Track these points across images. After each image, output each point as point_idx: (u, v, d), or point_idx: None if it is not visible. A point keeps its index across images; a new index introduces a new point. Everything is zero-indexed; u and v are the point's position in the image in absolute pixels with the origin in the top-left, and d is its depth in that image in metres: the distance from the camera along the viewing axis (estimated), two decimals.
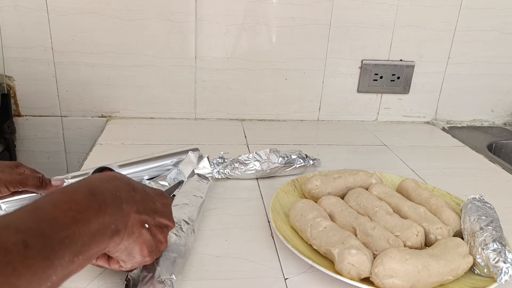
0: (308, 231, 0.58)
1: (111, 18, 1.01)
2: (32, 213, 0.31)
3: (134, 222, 0.41)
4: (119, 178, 0.43)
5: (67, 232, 0.32)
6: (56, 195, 0.35)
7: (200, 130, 1.08)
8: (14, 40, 1.00)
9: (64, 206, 0.34)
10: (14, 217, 0.30)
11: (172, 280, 0.46)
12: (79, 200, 0.35)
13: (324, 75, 1.14)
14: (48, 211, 0.32)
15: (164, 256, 0.48)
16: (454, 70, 1.18)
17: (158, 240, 0.46)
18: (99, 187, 0.38)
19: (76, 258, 0.32)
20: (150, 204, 0.45)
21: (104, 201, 0.37)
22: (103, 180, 0.40)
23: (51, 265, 0.30)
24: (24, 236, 0.28)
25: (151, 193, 0.47)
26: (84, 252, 0.34)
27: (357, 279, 0.51)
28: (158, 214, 0.46)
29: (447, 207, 0.65)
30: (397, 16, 1.10)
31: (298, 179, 0.77)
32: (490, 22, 1.13)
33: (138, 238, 0.43)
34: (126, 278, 0.49)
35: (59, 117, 1.09)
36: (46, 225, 0.31)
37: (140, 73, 1.07)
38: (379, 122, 1.22)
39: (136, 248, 0.43)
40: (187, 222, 0.57)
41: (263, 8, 1.05)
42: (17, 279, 0.27)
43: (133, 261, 0.45)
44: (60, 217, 0.32)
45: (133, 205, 0.41)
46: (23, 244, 0.28)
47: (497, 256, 0.52)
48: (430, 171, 0.90)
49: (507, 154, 1.15)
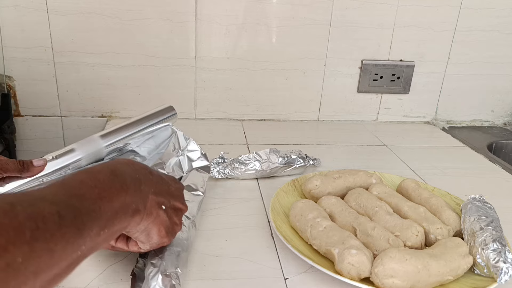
0: (308, 231, 0.58)
1: (111, 18, 1.01)
2: (62, 188, 0.34)
3: (152, 203, 0.44)
4: (136, 163, 0.46)
5: (94, 207, 0.35)
6: (81, 174, 0.38)
7: (200, 130, 1.08)
8: (14, 40, 1.00)
9: (90, 183, 0.36)
10: (47, 191, 0.33)
11: (178, 273, 0.47)
12: (102, 180, 0.38)
13: (324, 75, 1.14)
14: (76, 187, 0.35)
15: (168, 250, 0.50)
16: (454, 70, 1.18)
17: (174, 222, 0.49)
18: (120, 169, 0.41)
19: (102, 232, 0.35)
20: (166, 187, 0.48)
21: (124, 181, 0.40)
22: (122, 163, 0.43)
23: (81, 235, 0.32)
24: (58, 208, 0.31)
25: (165, 177, 0.50)
26: (109, 227, 0.36)
27: (357, 279, 0.51)
28: (173, 197, 0.49)
29: (447, 207, 0.65)
30: (397, 16, 1.10)
31: (298, 179, 0.77)
32: (490, 22, 1.13)
33: (156, 219, 0.45)
34: (132, 273, 0.49)
35: (59, 117, 1.09)
36: (75, 199, 0.33)
37: (140, 73, 1.07)
38: (379, 122, 1.22)
39: (154, 229, 0.46)
40: (188, 217, 0.58)
41: (263, 8, 1.05)
42: (54, 245, 0.29)
43: (151, 242, 0.47)
44: (87, 193, 0.35)
45: (150, 187, 0.44)
46: (58, 215, 0.30)
47: (497, 256, 0.52)
48: (430, 171, 0.90)
49: (507, 154, 1.15)
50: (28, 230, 0.27)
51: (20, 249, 0.26)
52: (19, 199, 0.29)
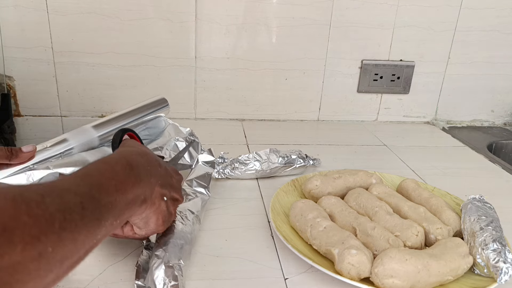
0: (308, 231, 0.58)
1: (111, 18, 1.01)
2: (83, 179, 0.36)
3: (156, 194, 0.47)
4: (148, 153, 0.49)
5: (110, 199, 0.37)
6: (100, 164, 0.40)
7: (200, 130, 1.08)
8: (14, 40, 1.00)
9: (108, 175, 0.38)
10: (71, 182, 0.35)
11: (181, 265, 0.49)
12: (119, 172, 0.40)
13: (324, 75, 1.14)
14: (95, 178, 0.37)
15: (172, 243, 0.51)
16: (454, 70, 1.18)
17: (170, 212, 0.51)
18: (135, 161, 0.44)
19: (115, 222, 0.37)
20: (169, 179, 0.51)
21: (138, 174, 0.43)
22: (138, 154, 0.46)
23: (99, 225, 0.34)
24: (81, 199, 0.33)
25: (169, 169, 0.53)
26: (120, 216, 0.38)
27: (357, 279, 0.51)
28: (173, 189, 0.51)
29: (447, 207, 0.65)
30: (397, 16, 1.10)
31: (298, 179, 0.77)
32: (490, 22, 1.13)
33: (157, 208, 0.48)
34: (137, 264, 0.51)
35: (59, 117, 1.09)
36: (95, 190, 0.35)
37: (140, 73, 1.07)
38: (379, 122, 1.22)
39: (153, 218, 0.49)
40: (192, 211, 0.60)
41: (263, 8, 1.05)
42: (78, 234, 0.31)
43: (148, 229, 0.50)
44: (105, 185, 0.37)
45: (158, 179, 0.47)
46: (81, 206, 0.32)
47: (497, 256, 0.52)
48: (430, 171, 0.90)
49: (507, 154, 1.15)
50: (57, 221, 0.29)
51: (50, 239, 0.28)
52: (48, 191, 0.30)
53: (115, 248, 0.57)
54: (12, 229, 0.25)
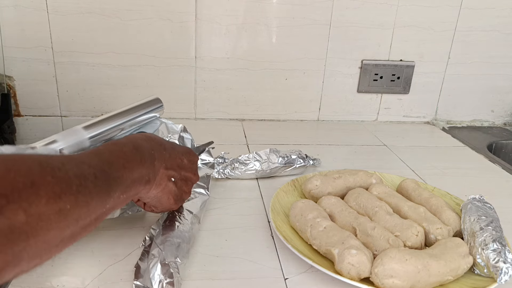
0: (308, 231, 0.58)
1: (111, 18, 1.01)
2: (96, 155, 0.41)
3: (162, 176, 0.52)
4: (154, 139, 0.53)
5: (118, 174, 0.41)
6: (110, 145, 0.45)
7: (200, 130, 1.08)
8: (14, 40, 1.00)
9: (117, 154, 0.44)
10: (86, 157, 0.39)
11: (177, 263, 0.50)
12: (127, 152, 0.45)
13: (324, 75, 1.14)
14: (106, 155, 0.42)
15: (169, 242, 0.53)
16: (454, 70, 1.18)
17: (183, 191, 0.57)
18: (140, 144, 0.49)
19: (122, 196, 0.42)
20: (178, 160, 0.55)
21: (143, 156, 0.47)
22: (143, 139, 0.50)
23: (109, 195, 0.39)
24: (94, 170, 0.37)
25: (180, 151, 0.57)
26: (127, 192, 0.43)
27: (357, 279, 0.51)
28: (184, 169, 0.56)
29: (447, 207, 0.65)
30: (397, 16, 1.10)
31: (298, 179, 0.77)
32: (490, 22, 1.13)
33: (165, 188, 0.53)
34: (136, 265, 0.52)
35: (59, 117, 1.09)
36: (106, 165, 0.40)
37: (140, 73, 1.07)
38: (379, 122, 1.22)
39: (164, 197, 0.54)
40: (190, 211, 0.61)
41: (263, 8, 1.05)
42: (90, 199, 0.35)
43: (162, 206, 0.56)
44: (114, 162, 0.42)
45: (162, 162, 0.52)
46: (94, 176, 0.37)
47: (497, 256, 0.52)
48: (430, 171, 0.90)
49: (507, 154, 1.15)
50: (75, 185, 0.34)
51: (69, 198, 0.33)
52: (67, 160, 0.36)
53: (115, 248, 0.57)
54: (39, 185, 0.30)
